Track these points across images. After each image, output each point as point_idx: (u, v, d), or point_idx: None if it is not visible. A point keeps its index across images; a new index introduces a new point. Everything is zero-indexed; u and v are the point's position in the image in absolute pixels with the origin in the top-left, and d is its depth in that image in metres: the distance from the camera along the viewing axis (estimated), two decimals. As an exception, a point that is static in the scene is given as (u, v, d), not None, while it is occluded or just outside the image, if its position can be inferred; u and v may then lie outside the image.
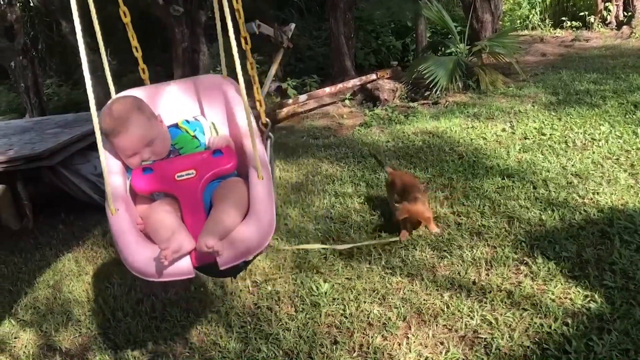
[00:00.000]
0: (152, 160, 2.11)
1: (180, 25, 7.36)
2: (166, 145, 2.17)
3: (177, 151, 2.20)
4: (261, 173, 1.99)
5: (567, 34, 9.52)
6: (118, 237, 1.94)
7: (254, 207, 1.95)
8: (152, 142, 2.09)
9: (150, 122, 2.10)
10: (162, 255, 1.77)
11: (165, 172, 2.03)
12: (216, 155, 2.08)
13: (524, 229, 3.25)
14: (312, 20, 10.18)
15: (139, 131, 2.05)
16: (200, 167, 2.03)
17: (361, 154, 5.00)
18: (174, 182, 2.00)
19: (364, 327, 2.65)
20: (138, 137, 2.05)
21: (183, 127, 2.24)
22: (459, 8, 9.08)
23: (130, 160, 2.10)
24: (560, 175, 3.85)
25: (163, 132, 2.17)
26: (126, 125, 2.03)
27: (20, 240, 4.48)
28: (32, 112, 7.90)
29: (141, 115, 2.09)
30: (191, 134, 2.23)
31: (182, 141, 2.22)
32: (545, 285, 2.72)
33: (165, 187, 2.02)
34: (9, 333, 3.20)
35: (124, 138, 2.05)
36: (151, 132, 2.08)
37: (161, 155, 2.14)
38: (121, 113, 2.05)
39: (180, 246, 1.82)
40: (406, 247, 3.27)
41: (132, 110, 2.07)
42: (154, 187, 2.04)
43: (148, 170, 2.05)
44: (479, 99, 6.19)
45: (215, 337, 2.79)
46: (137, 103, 2.13)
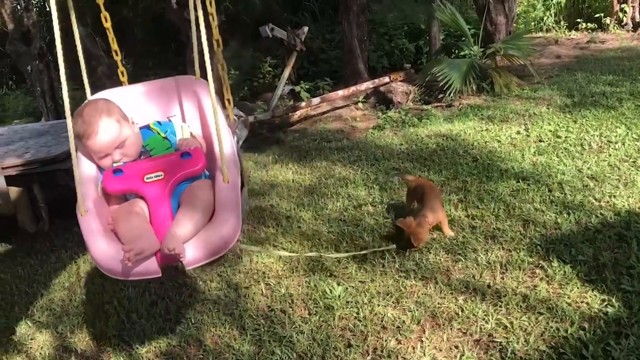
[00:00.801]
0: (123, 161, 2.16)
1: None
2: (137, 147, 2.21)
3: (147, 152, 2.24)
4: (227, 176, 2.03)
5: (582, 35, 9.45)
6: (87, 238, 1.99)
7: (219, 210, 2.00)
8: (122, 144, 2.14)
9: (119, 124, 2.14)
10: (125, 257, 1.81)
11: (134, 173, 2.08)
12: (185, 157, 2.12)
13: (539, 232, 3.22)
14: (325, 23, 10.18)
15: (108, 133, 2.11)
16: (168, 169, 2.07)
17: (374, 157, 4.99)
18: (142, 184, 2.04)
19: (377, 331, 2.64)
20: (108, 140, 2.11)
21: (154, 128, 2.29)
22: (473, 10, 9.05)
23: (102, 161, 2.16)
24: (576, 178, 3.82)
25: (134, 134, 2.21)
26: (96, 128, 2.09)
27: (36, 243, 4.52)
28: (47, 115, 7.98)
29: (111, 117, 2.13)
30: (162, 135, 2.27)
31: (153, 142, 2.26)
32: (561, 289, 2.69)
33: (133, 188, 2.06)
34: (26, 334, 3.23)
35: (94, 140, 2.10)
36: (121, 135, 2.13)
37: (132, 157, 2.19)
38: (91, 116, 2.11)
39: (143, 248, 1.86)
40: (420, 250, 3.25)
41: (102, 113, 2.12)
42: (123, 188, 2.08)
43: (119, 171, 2.09)
44: (493, 102, 6.16)
45: (229, 340, 2.79)
46: (107, 106, 2.18)
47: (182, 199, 2.06)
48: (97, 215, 2.05)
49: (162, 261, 1.93)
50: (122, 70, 2.45)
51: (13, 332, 3.28)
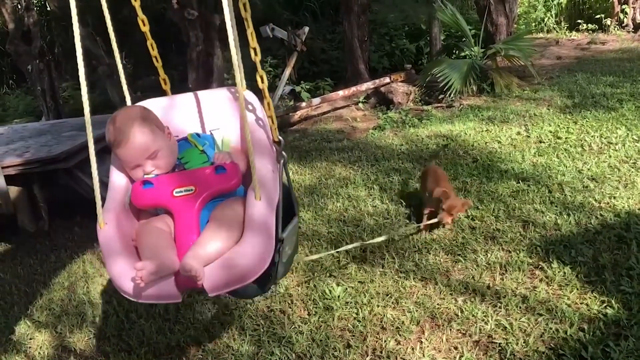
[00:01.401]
0: (155, 173, 2.00)
1: (195, 28, 7.39)
2: (171, 159, 2.04)
3: (182, 165, 2.08)
4: (259, 193, 1.84)
5: (582, 36, 9.45)
6: (104, 253, 1.85)
7: (248, 231, 1.80)
8: (155, 155, 1.98)
9: (154, 133, 1.99)
10: (137, 276, 1.64)
11: (164, 187, 1.92)
12: (219, 172, 1.95)
13: (539, 233, 3.22)
14: (325, 23, 10.18)
15: (141, 142, 1.95)
16: (200, 184, 1.91)
17: (375, 157, 4.99)
18: (170, 198, 1.89)
19: (377, 331, 2.64)
20: (140, 149, 1.95)
21: (192, 140, 2.14)
22: (473, 11, 9.05)
23: (133, 172, 2.01)
24: (576, 179, 3.81)
25: (169, 145, 2.05)
26: (128, 136, 1.94)
27: (36, 242, 4.52)
28: (48, 115, 7.98)
29: (145, 126, 1.98)
30: (199, 148, 2.11)
31: (189, 155, 2.11)
32: (560, 290, 2.69)
33: (161, 203, 1.91)
34: (25, 334, 3.23)
35: (125, 149, 1.96)
36: (155, 144, 1.97)
37: (164, 169, 2.02)
38: (123, 123, 1.97)
39: (158, 268, 1.68)
40: (420, 251, 3.25)
41: (135, 120, 1.98)
42: (151, 202, 1.93)
43: (148, 184, 1.95)
44: (493, 102, 6.15)
45: (229, 340, 2.79)
46: (143, 113, 2.04)
47: (211, 217, 1.88)
48: (118, 228, 1.90)
49: (181, 285, 1.75)
50: (163, 77, 2.32)
51: (12, 331, 3.28)
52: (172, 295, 1.74)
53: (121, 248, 1.84)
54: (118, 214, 1.94)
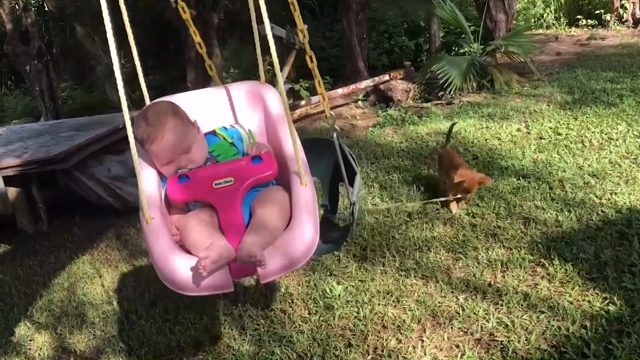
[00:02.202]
0: (188, 168, 2.02)
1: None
2: (203, 153, 2.08)
3: (214, 158, 2.12)
4: (304, 179, 1.90)
5: (582, 32, 9.43)
6: (153, 248, 1.83)
7: (298, 216, 1.85)
8: (189, 149, 2.01)
9: (187, 128, 2.02)
10: (201, 265, 1.65)
11: (202, 180, 1.94)
12: (255, 162, 1.98)
13: (540, 230, 3.21)
14: (324, 21, 10.17)
15: (175, 137, 1.97)
16: (239, 175, 1.93)
17: (374, 155, 4.97)
18: (211, 191, 1.90)
19: (378, 330, 2.63)
20: (174, 144, 1.98)
21: (220, 133, 2.17)
22: (472, 8, 9.03)
23: (166, 168, 2.02)
24: (577, 176, 3.80)
25: (200, 138, 2.09)
26: (162, 132, 1.96)
27: (35, 243, 4.51)
28: (46, 115, 7.97)
29: (177, 120, 2.01)
30: (229, 141, 2.15)
31: (220, 148, 2.14)
32: (562, 288, 2.67)
33: (202, 196, 1.93)
34: (25, 335, 3.22)
35: (159, 145, 1.97)
36: (188, 139, 2.01)
37: (198, 163, 2.05)
38: (156, 119, 1.98)
39: (220, 255, 1.71)
40: (420, 249, 3.24)
41: (168, 115, 2.00)
42: (191, 195, 1.95)
43: (184, 178, 1.96)
44: (493, 99, 6.14)
45: (229, 340, 2.78)
46: (173, 108, 2.06)
47: (256, 206, 1.92)
48: (163, 223, 1.90)
49: (236, 273, 1.79)
50: (209, 64, 2.43)
51: (12, 333, 3.27)
52: (225, 284, 1.76)
53: (172, 243, 1.85)
54: (160, 210, 1.95)
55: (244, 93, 2.34)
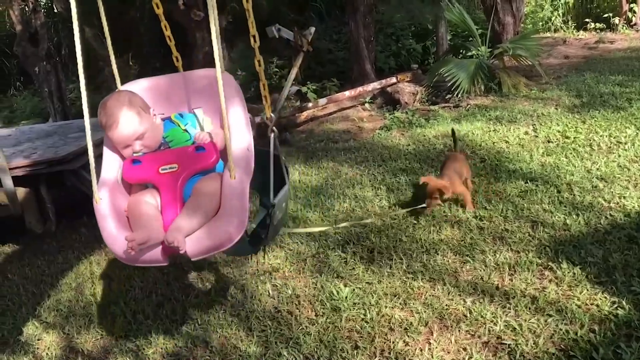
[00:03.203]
0: (143, 152, 2.23)
1: (201, 29, 7.42)
2: (156, 139, 2.28)
3: (167, 144, 2.31)
4: (234, 172, 2.06)
5: (590, 35, 9.39)
6: (100, 224, 2.12)
7: (224, 206, 2.06)
8: (142, 136, 2.21)
9: (140, 116, 2.21)
10: (128, 246, 1.92)
11: (151, 164, 2.17)
12: (199, 151, 2.18)
13: (548, 234, 3.20)
14: (332, 23, 10.17)
15: (128, 125, 2.18)
16: (182, 162, 2.15)
17: (381, 158, 4.97)
18: (157, 175, 2.14)
19: (385, 332, 2.63)
20: (128, 131, 2.19)
21: (175, 120, 2.34)
22: (480, 11, 9.00)
23: (124, 151, 2.24)
24: (585, 179, 3.78)
25: (154, 125, 2.27)
26: (117, 120, 2.17)
27: (44, 243, 4.53)
28: (55, 116, 8.00)
29: (132, 109, 2.20)
30: (182, 127, 2.32)
31: (173, 134, 2.32)
32: (570, 291, 2.66)
33: (149, 178, 2.16)
34: (33, 335, 3.23)
35: (115, 131, 2.19)
36: (141, 126, 2.21)
37: (151, 148, 2.26)
38: (112, 108, 2.19)
39: (147, 238, 1.95)
40: (428, 252, 3.24)
41: (123, 105, 2.20)
42: (139, 177, 2.18)
43: (137, 161, 2.19)
44: (500, 102, 6.12)
45: (236, 341, 2.78)
46: (129, 98, 2.25)
47: (192, 192, 2.13)
48: (112, 202, 2.15)
49: (167, 251, 2.01)
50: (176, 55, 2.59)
51: (20, 332, 3.28)
52: (158, 260, 2.04)
53: (115, 218, 2.12)
54: (112, 189, 2.19)
55: (204, 80, 2.46)
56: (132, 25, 3.05)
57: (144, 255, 2.01)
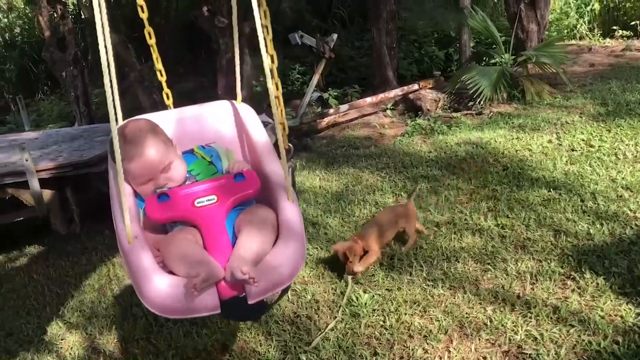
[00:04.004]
0: (167, 187, 1.96)
1: (224, 36, 7.48)
2: (183, 171, 2.03)
3: (193, 177, 2.07)
4: (291, 195, 1.87)
5: (617, 43, 9.25)
6: (135, 270, 1.72)
7: (287, 232, 1.79)
8: (168, 168, 1.95)
9: (166, 145, 1.97)
10: (192, 285, 1.57)
11: (183, 198, 1.87)
12: (238, 179, 1.93)
13: (571, 243, 3.16)
14: (354, 30, 10.19)
15: (154, 156, 1.91)
16: (221, 193, 1.88)
17: (402, 164, 4.96)
18: (193, 209, 1.83)
19: (404, 339, 2.62)
20: (154, 162, 1.91)
21: (199, 152, 2.14)
22: (504, 18, 8.94)
23: (143, 187, 1.96)
24: (610, 188, 3.73)
25: (179, 157, 2.05)
26: (141, 150, 1.90)
27: (68, 245, 4.60)
28: (81, 120, 8.13)
29: (157, 138, 1.96)
30: (207, 159, 2.12)
31: (199, 167, 2.10)
32: (593, 301, 2.63)
33: (184, 215, 1.85)
34: (56, 334, 3.29)
35: (138, 163, 1.90)
36: (168, 157, 1.95)
37: (178, 182, 1.99)
38: (135, 136, 1.91)
39: (210, 274, 1.62)
40: (448, 259, 3.22)
41: (147, 132, 1.94)
42: (172, 215, 1.86)
43: (164, 197, 1.88)
44: (524, 110, 6.07)
45: (255, 345, 2.79)
46: (151, 125, 2.02)
47: (241, 224, 1.84)
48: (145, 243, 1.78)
49: (225, 293, 1.67)
50: (166, 92, 2.37)
51: (44, 332, 3.34)
52: (214, 306, 1.66)
53: (153, 263, 1.73)
54: (140, 230, 1.84)
55: (220, 112, 2.32)
56: (156, 32, 3.07)
57: (195, 302, 1.63)
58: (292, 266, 1.72)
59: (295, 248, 1.75)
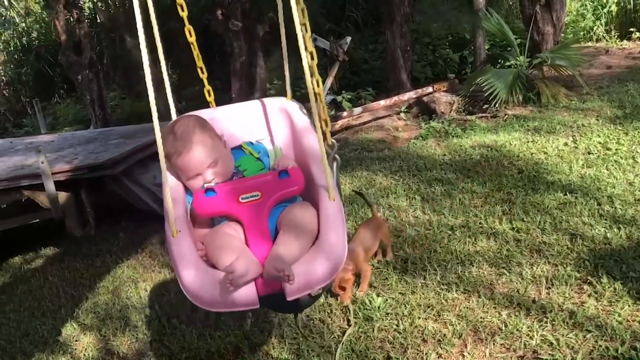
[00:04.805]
0: (214, 182, 1.99)
1: (238, 39, 7.52)
2: (230, 167, 2.06)
3: (240, 173, 2.09)
4: (332, 194, 1.85)
5: (634, 45, 9.15)
6: (179, 262, 1.76)
7: (326, 232, 1.78)
8: (215, 163, 1.98)
9: (214, 141, 2.02)
10: (228, 279, 1.59)
11: (229, 194, 1.91)
12: (282, 176, 1.95)
13: (587, 247, 3.12)
14: (368, 33, 10.18)
15: (202, 151, 1.96)
16: (265, 189, 1.90)
17: (416, 167, 4.94)
18: (238, 205, 1.87)
19: (418, 343, 2.60)
20: (202, 157, 1.96)
21: (247, 148, 2.16)
22: (519, 20, 8.88)
23: (192, 182, 2.00)
24: (627, 192, 3.68)
25: (227, 153, 2.08)
26: (189, 145, 1.95)
27: (83, 247, 4.64)
28: (96, 123, 8.22)
29: (205, 134, 2.00)
30: (255, 155, 2.14)
31: (246, 163, 2.12)
32: (610, 307, 2.59)
33: (229, 210, 1.89)
34: (71, 336, 3.31)
35: (187, 158, 1.95)
36: (215, 152, 1.99)
37: (225, 177, 2.03)
38: (184, 132, 1.97)
39: (247, 270, 1.64)
40: (462, 263, 3.19)
41: (196, 129, 1.99)
42: (218, 209, 1.91)
43: (210, 192, 1.92)
44: (539, 113, 6.01)
45: (268, 348, 2.79)
46: (201, 122, 2.06)
47: (283, 221, 1.87)
48: (189, 237, 1.84)
49: (262, 289, 1.69)
50: (208, 89, 2.39)
51: (59, 333, 3.37)
52: (252, 301, 1.67)
53: (196, 257, 1.79)
54: (186, 224, 1.90)
55: (270, 109, 2.33)
56: (170, 35, 3.09)
57: (235, 295, 1.65)
58: (330, 266, 1.71)
59: (334, 248, 1.74)
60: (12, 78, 13.06)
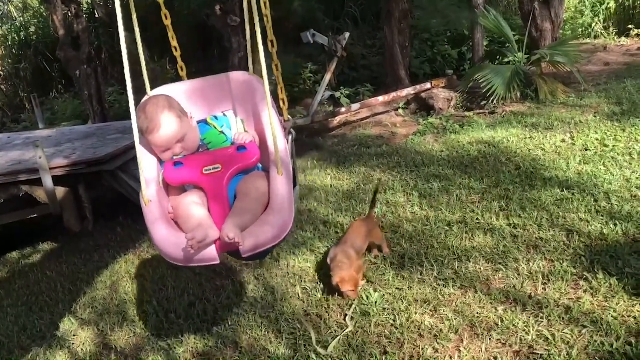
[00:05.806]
0: (182, 154, 2.27)
1: (237, 34, 7.50)
2: (195, 141, 2.32)
3: (205, 146, 2.35)
4: (281, 169, 2.13)
5: (632, 42, 9.16)
6: (150, 226, 2.12)
7: (273, 202, 2.11)
8: (182, 138, 2.24)
9: (180, 119, 2.25)
10: (188, 245, 1.92)
11: (193, 166, 2.19)
12: (240, 150, 2.22)
13: (583, 243, 3.13)
14: (366, 29, 10.16)
15: (170, 128, 2.21)
16: (225, 162, 2.18)
17: (414, 163, 4.95)
18: (201, 175, 2.16)
19: (414, 338, 2.61)
20: (169, 134, 2.21)
21: (211, 122, 2.39)
22: (517, 16, 8.88)
23: (163, 154, 2.27)
24: (624, 188, 3.69)
25: (192, 128, 2.32)
26: (158, 123, 2.19)
27: (80, 242, 4.64)
28: (94, 118, 8.20)
29: (172, 113, 2.23)
30: (218, 129, 2.37)
31: (210, 136, 2.37)
32: (606, 302, 2.60)
33: (193, 180, 2.18)
34: (69, 330, 3.32)
35: (156, 135, 2.21)
36: (181, 129, 2.23)
37: (191, 150, 2.30)
38: (153, 112, 2.21)
39: (205, 236, 1.96)
40: (459, 259, 3.20)
41: (164, 108, 2.22)
42: (183, 179, 2.20)
43: (178, 164, 2.21)
44: (537, 109, 6.02)
45: (265, 342, 2.80)
46: (168, 102, 2.28)
47: (238, 190, 2.17)
48: (159, 204, 2.18)
49: (221, 249, 2.03)
50: (180, 65, 2.60)
51: (57, 327, 3.37)
52: (211, 258, 2.03)
53: (165, 220, 2.14)
54: (157, 191, 2.23)
55: (236, 82, 2.51)
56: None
57: (199, 254, 2.01)
58: (276, 231, 2.04)
59: (279, 216, 2.07)
60: (10, 73, 13.02)
